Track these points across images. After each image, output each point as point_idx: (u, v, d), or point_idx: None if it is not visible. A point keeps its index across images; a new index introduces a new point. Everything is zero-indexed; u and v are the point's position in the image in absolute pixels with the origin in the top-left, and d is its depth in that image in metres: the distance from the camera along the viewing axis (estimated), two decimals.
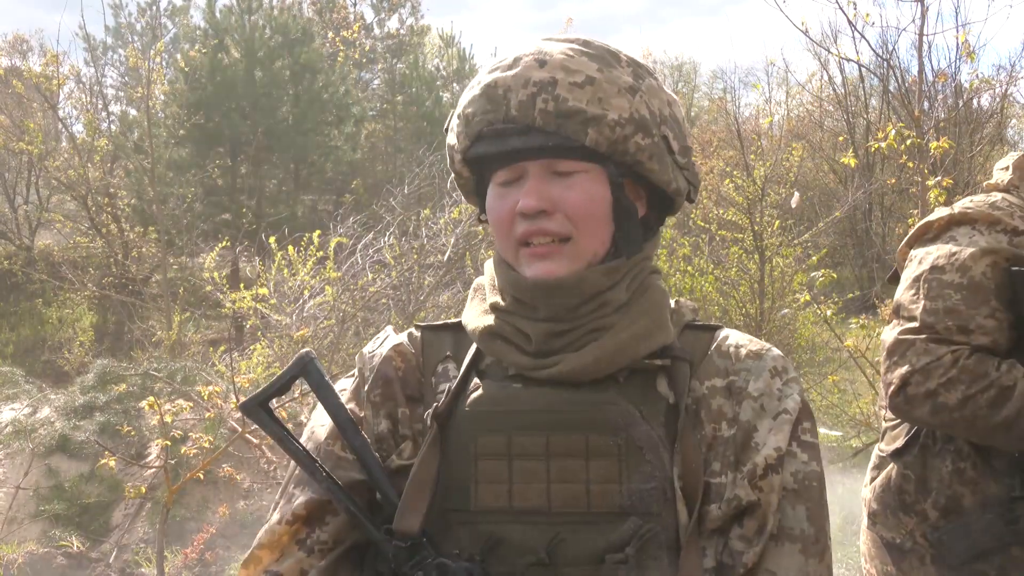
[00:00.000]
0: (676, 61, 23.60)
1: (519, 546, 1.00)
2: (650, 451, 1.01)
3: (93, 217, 13.79)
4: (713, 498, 1.02)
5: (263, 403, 1.10)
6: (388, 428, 1.11)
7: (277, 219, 12.43)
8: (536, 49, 1.04)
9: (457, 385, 1.08)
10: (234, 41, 13.46)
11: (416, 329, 1.19)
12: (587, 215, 1.04)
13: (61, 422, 6.88)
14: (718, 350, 1.09)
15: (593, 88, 1.01)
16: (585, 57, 1.03)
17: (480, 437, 1.04)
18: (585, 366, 1.03)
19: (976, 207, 1.75)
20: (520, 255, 1.07)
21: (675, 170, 1.08)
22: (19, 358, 11.85)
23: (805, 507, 1.02)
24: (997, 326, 1.65)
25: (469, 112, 1.06)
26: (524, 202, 1.03)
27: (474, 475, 1.03)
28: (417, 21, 19.50)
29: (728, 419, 1.05)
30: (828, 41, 10.57)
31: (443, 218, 8.73)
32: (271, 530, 1.08)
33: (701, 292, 7.98)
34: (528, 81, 1.01)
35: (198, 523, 5.81)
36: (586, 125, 1.01)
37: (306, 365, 1.10)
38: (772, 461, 1.01)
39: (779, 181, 9.46)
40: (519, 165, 1.05)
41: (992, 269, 1.67)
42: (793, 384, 1.06)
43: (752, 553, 0.99)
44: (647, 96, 1.04)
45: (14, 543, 5.61)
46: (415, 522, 1.01)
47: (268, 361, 7.72)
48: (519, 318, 1.08)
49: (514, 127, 1.03)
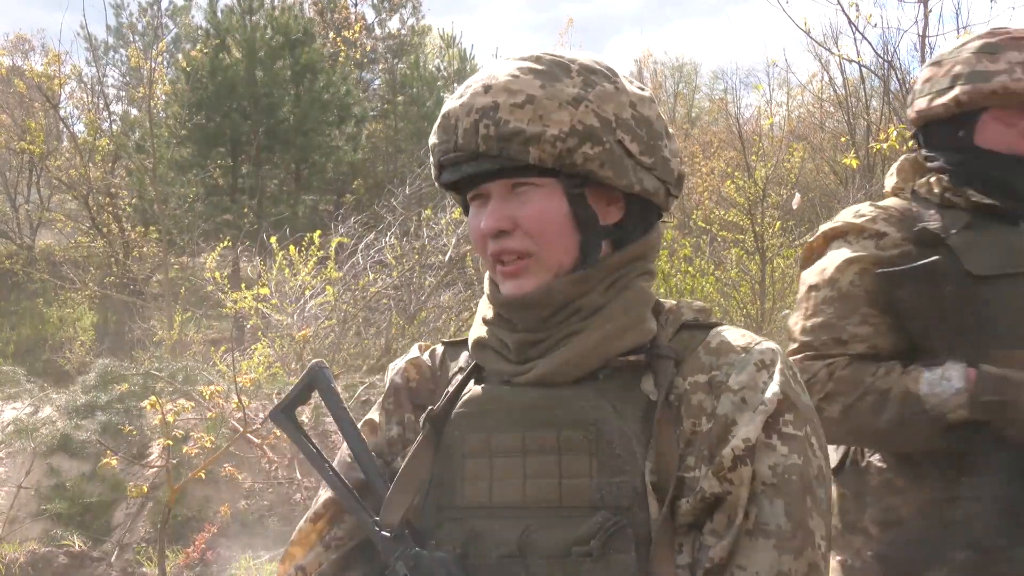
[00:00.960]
0: (677, 62, 23.57)
1: (495, 540, 1.04)
2: (621, 446, 1.03)
3: (94, 217, 13.82)
4: (685, 493, 1.02)
5: (287, 411, 1.20)
6: (398, 433, 1.19)
7: (278, 219, 12.45)
8: (487, 75, 1.08)
9: (454, 390, 1.14)
10: (235, 41, 13.47)
11: (441, 345, 1.26)
12: (544, 229, 1.07)
13: (63, 421, 6.89)
14: (706, 346, 1.09)
15: (533, 106, 1.04)
16: (531, 75, 1.06)
17: (466, 437, 1.09)
18: (557, 369, 1.07)
19: (843, 219, 1.79)
20: (496, 272, 1.12)
21: (638, 171, 1.09)
22: (20, 357, 11.86)
23: (783, 502, 1.00)
24: (873, 331, 1.66)
25: (432, 143, 1.12)
26: (484, 223, 1.08)
27: (461, 473, 1.08)
28: (418, 21, 19.52)
29: (707, 414, 1.05)
30: (829, 42, 10.57)
31: (444, 218, 8.74)
32: (300, 529, 1.18)
33: (702, 293, 7.98)
34: (472, 108, 1.06)
35: (199, 523, 5.81)
36: (527, 144, 1.03)
37: (316, 374, 1.20)
38: (740, 452, 1.00)
39: (780, 182, 9.47)
40: (483, 186, 1.09)
41: (860, 277, 1.69)
42: (778, 375, 1.05)
43: (720, 547, 0.99)
44: (596, 104, 1.06)
45: (16, 542, 5.63)
46: (396, 515, 1.07)
47: (269, 361, 7.73)
48: (502, 330, 1.13)
49: (464, 154, 1.07)
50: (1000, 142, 1.70)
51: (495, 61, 1.13)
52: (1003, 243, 1.66)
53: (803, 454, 1.03)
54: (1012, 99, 1.68)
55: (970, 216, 1.71)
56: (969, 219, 1.70)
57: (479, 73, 1.11)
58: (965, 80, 1.72)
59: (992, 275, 1.63)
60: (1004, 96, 1.68)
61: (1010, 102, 1.68)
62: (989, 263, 1.64)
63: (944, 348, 1.61)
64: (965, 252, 1.65)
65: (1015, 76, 1.67)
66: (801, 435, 1.04)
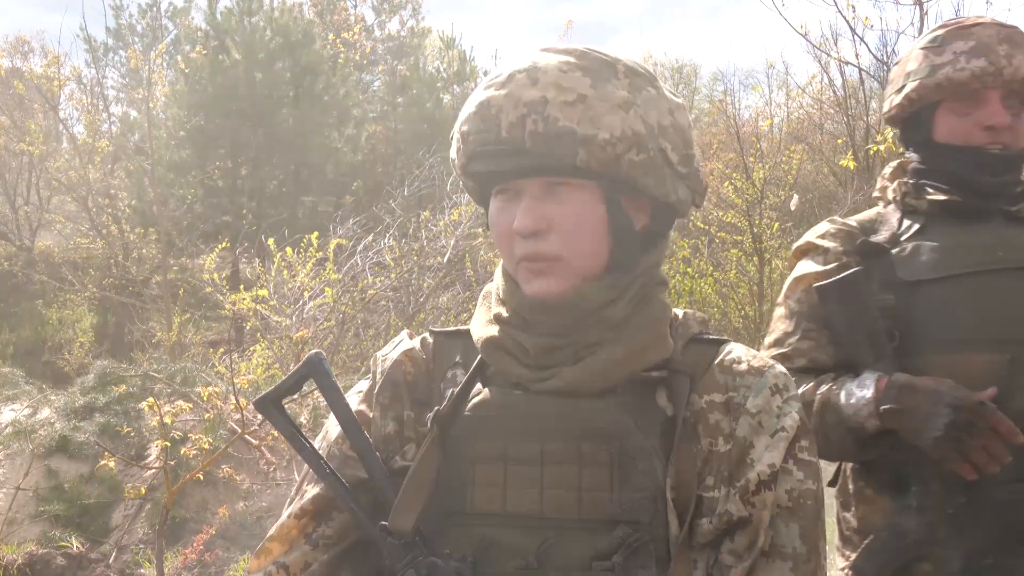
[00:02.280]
0: (676, 63, 23.56)
1: (510, 550, 1.02)
2: (643, 461, 1.02)
3: (93, 218, 13.81)
4: (705, 512, 1.02)
5: (275, 401, 1.14)
6: (395, 430, 1.14)
7: (277, 220, 12.44)
8: (530, 64, 1.04)
9: (460, 390, 1.10)
10: (235, 43, 13.46)
11: (430, 335, 1.21)
12: (581, 232, 1.05)
13: (61, 423, 6.88)
14: (720, 365, 1.09)
15: (584, 107, 1.00)
16: (579, 72, 1.02)
17: (478, 442, 1.05)
18: (580, 380, 1.05)
19: (805, 238, 1.84)
20: (520, 269, 1.08)
21: (675, 180, 1.08)
22: (19, 359, 11.85)
23: (799, 525, 1.02)
24: (813, 346, 1.69)
25: (465, 130, 1.07)
26: (519, 222, 1.04)
27: (471, 478, 1.05)
28: (418, 23, 19.53)
29: (725, 434, 1.05)
30: (828, 44, 10.58)
31: (443, 220, 8.73)
32: (282, 524, 1.12)
33: (700, 294, 7.99)
34: (519, 101, 1.01)
35: (198, 524, 5.81)
36: (576, 145, 1.00)
37: (315, 365, 1.13)
38: (765, 478, 1.01)
39: (779, 183, 9.47)
40: (517, 182, 1.06)
41: (805, 294, 1.73)
42: (793, 402, 1.07)
43: (741, 568, 1.00)
44: (643, 109, 1.04)
45: (14, 544, 5.62)
46: (409, 521, 1.03)
47: (268, 362, 7.73)
48: (519, 331, 1.09)
49: (506, 148, 1.03)
50: (956, 135, 1.70)
51: (530, 51, 1.07)
52: (952, 244, 1.66)
53: (816, 479, 1.05)
54: (961, 89, 1.66)
55: (926, 219, 1.71)
56: (924, 221, 1.71)
57: (517, 62, 1.06)
58: (914, 76, 1.72)
59: (926, 280, 1.63)
60: (952, 88, 1.67)
61: (960, 93, 1.67)
62: (927, 268, 1.64)
63: (870, 358, 1.61)
64: (905, 259, 1.66)
65: (958, 66, 1.66)
66: (814, 461, 1.06)
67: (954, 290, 1.61)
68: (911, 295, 1.63)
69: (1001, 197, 1.69)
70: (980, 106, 1.66)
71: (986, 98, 1.66)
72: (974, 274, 1.61)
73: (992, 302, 1.59)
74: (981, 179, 1.68)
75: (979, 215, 1.68)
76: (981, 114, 1.66)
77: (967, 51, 1.65)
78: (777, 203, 8.95)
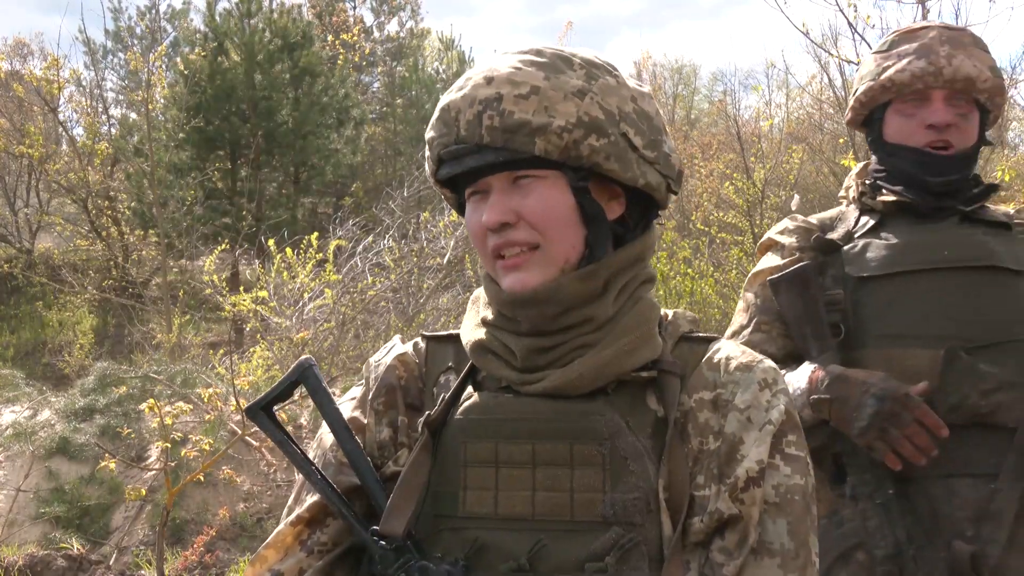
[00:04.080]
0: (676, 64, 23.56)
1: (503, 552, 1.02)
2: (635, 462, 1.02)
3: (93, 220, 13.81)
4: (697, 511, 1.02)
5: (265, 407, 1.13)
6: (389, 436, 1.14)
7: (277, 222, 12.45)
8: (487, 67, 1.06)
9: (451, 394, 1.10)
10: (234, 44, 13.46)
11: (422, 339, 1.21)
12: (550, 221, 1.05)
13: (61, 424, 6.88)
14: (708, 362, 1.09)
15: (538, 97, 1.02)
16: (533, 67, 1.04)
17: (469, 444, 1.06)
18: (570, 381, 1.05)
19: (768, 235, 1.90)
20: (496, 267, 1.09)
21: (641, 165, 1.08)
22: (19, 361, 11.86)
23: (786, 521, 1.01)
24: (764, 338, 1.76)
25: (430, 137, 1.10)
26: (487, 217, 1.06)
27: (463, 482, 1.05)
28: (417, 24, 19.54)
29: (714, 432, 1.05)
30: (828, 43, 10.58)
31: (442, 221, 8.74)
32: (278, 531, 1.12)
33: (701, 295, 7.98)
34: (475, 100, 1.04)
35: (198, 525, 5.81)
36: (533, 135, 1.02)
37: (304, 371, 1.13)
38: (754, 474, 1.01)
39: (779, 184, 9.47)
40: (483, 180, 1.07)
41: (762, 288, 1.79)
42: (781, 395, 1.06)
43: (732, 566, 0.99)
44: (600, 96, 1.04)
45: (14, 545, 5.61)
46: (400, 525, 1.03)
47: (268, 364, 7.72)
48: (505, 333, 1.09)
49: (467, 147, 1.05)
50: (901, 134, 1.76)
51: (494, 55, 1.10)
52: (902, 243, 1.71)
53: (804, 474, 1.05)
54: (904, 89, 1.72)
55: (881, 217, 1.77)
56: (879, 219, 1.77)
57: (478, 66, 1.09)
58: (865, 79, 1.79)
59: (873, 276, 1.68)
60: (896, 88, 1.73)
61: (904, 93, 1.73)
62: (874, 265, 1.69)
63: (815, 350, 1.66)
64: (856, 255, 1.72)
65: (899, 67, 1.72)
66: (802, 455, 1.05)
67: (899, 287, 1.67)
68: (858, 290, 1.69)
69: (956, 196, 1.74)
70: (924, 106, 1.72)
71: (929, 98, 1.72)
72: (919, 272, 1.67)
73: (933, 299, 1.64)
74: (926, 178, 1.73)
75: (933, 214, 1.74)
76: (924, 113, 1.72)
77: (911, 53, 1.72)
78: (778, 203, 8.94)
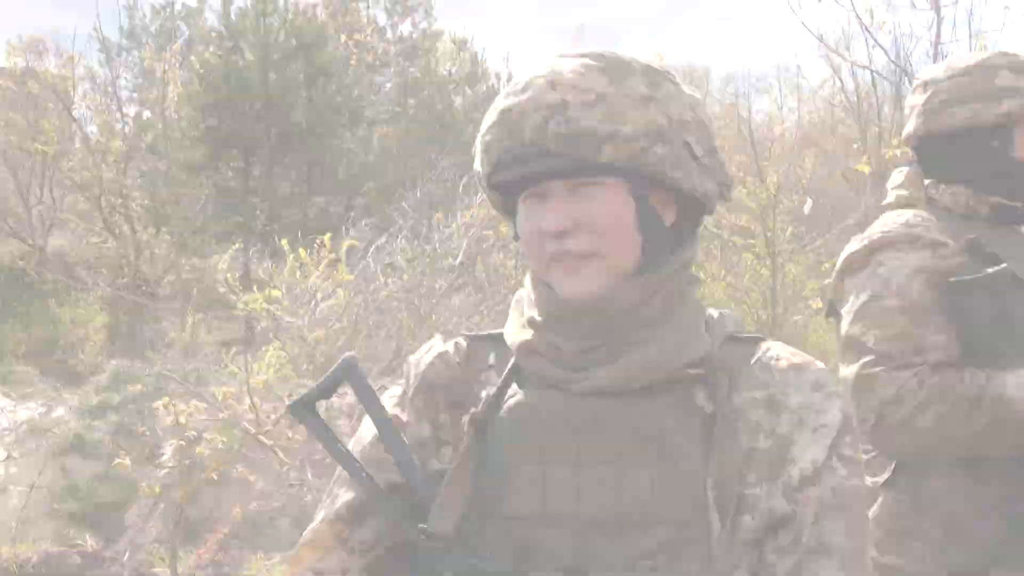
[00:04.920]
0: (688, 66, 23.49)
1: (549, 551, 1.01)
2: (683, 459, 1.02)
3: (106, 218, 13.83)
4: (747, 509, 1.02)
5: (309, 405, 1.13)
6: (430, 433, 1.14)
7: (290, 221, 12.46)
8: (548, 70, 1.05)
9: (496, 392, 1.10)
10: (249, 44, 13.49)
11: (463, 339, 1.21)
12: (611, 229, 1.05)
13: (76, 422, 6.91)
14: (759, 362, 1.09)
15: (605, 104, 1.02)
16: (596, 72, 1.04)
17: (514, 443, 1.06)
18: (617, 379, 1.05)
19: (893, 228, 1.81)
20: (551, 271, 1.08)
21: (702, 174, 1.08)
22: (33, 358, 11.88)
23: (844, 522, 1.02)
24: (947, 340, 1.70)
25: (487, 140, 1.09)
26: (547, 222, 1.05)
27: (508, 480, 1.05)
28: (430, 25, 19.53)
29: (765, 431, 1.05)
30: (842, 47, 10.55)
31: (455, 222, 8.73)
32: (314, 529, 1.12)
33: (713, 298, 7.96)
34: (540, 104, 1.03)
35: (211, 523, 5.82)
36: (601, 142, 1.02)
37: (350, 369, 1.12)
38: (808, 474, 1.02)
39: (792, 188, 9.45)
40: (541, 186, 1.07)
41: (926, 286, 1.72)
42: (835, 398, 1.07)
43: (785, 566, 1.00)
44: (664, 104, 1.05)
45: (29, 542, 5.64)
46: (449, 523, 1.03)
47: (280, 363, 7.73)
48: (553, 334, 1.09)
49: (531, 151, 1.04)
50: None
51: (549, 57, 1.09)
52: None
53: (859, 476, 1.06)
54: None
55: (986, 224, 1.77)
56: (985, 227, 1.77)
57: (535, 69, 1.08)
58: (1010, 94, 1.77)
59: None
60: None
61: None
62: None
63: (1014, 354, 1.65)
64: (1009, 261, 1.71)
65: None
66: (857, 457, 1.06)
67: None
68: None
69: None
70: None
71: None
72: None
73: None
74: None
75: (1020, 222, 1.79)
76: None
77: None
78: (791, 207, 8.91)
